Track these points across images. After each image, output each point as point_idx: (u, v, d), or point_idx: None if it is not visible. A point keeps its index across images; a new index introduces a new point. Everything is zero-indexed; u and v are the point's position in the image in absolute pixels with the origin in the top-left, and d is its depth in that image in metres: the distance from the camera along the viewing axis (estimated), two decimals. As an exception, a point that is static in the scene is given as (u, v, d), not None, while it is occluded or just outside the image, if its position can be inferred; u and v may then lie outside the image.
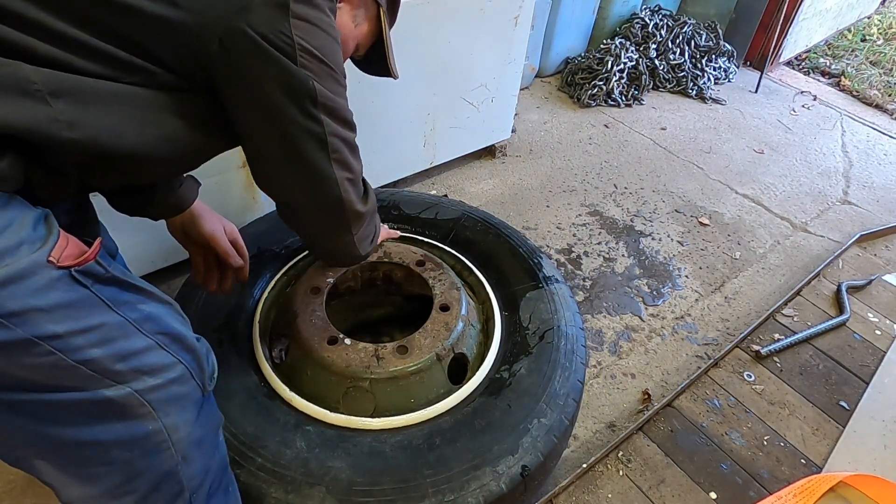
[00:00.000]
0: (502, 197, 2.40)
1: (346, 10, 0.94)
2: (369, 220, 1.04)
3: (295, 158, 0.86)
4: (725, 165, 2.78)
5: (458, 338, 1.20)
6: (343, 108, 0.87)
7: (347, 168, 0.92)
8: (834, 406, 1.64)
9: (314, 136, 0.84)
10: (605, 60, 3.13)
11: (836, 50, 4.14)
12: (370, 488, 0.95)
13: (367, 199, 1.01)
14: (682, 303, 2.01)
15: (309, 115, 0.82)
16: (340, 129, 0.87)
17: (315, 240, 1.05)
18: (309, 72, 0.78)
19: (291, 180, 0.90)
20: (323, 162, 0.87)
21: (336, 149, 0.88)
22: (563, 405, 1.12)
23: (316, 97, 0.81)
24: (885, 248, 2.34)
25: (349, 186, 0.93)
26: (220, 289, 1.19)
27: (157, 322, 0.72)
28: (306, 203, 0.94)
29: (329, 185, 0.90)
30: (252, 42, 0.73)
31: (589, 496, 1.38)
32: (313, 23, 0.78)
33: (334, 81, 0.84)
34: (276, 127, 0.82)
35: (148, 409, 0.70)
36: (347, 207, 0.94)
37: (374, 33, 1.02)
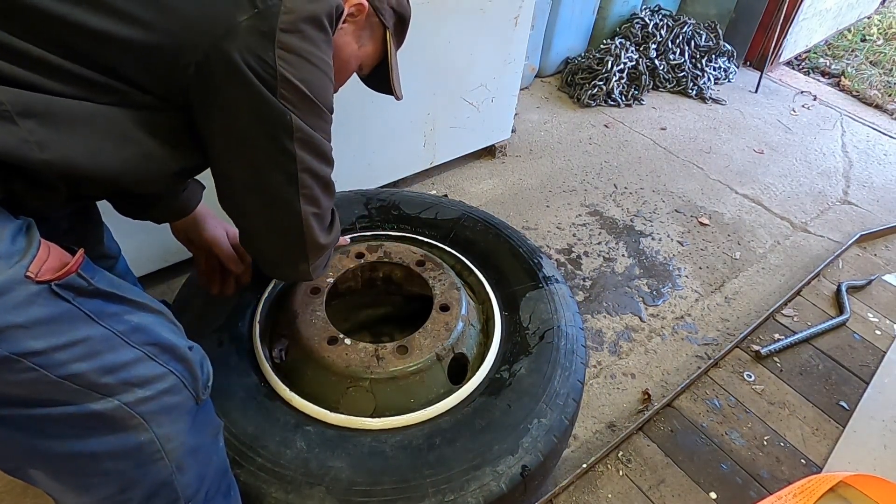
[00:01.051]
0: (502, 197, 2.40)
1: (351, 31, 0.92)
2: (329, 250, 1.01)
3: (260, 189, 0.83)
4: (725, 165, 2.78)
5: (458, 338, 1.20)
6: (321, 144, 0.84)
7: (315, 203, 0.88)
8: (834, 406, 1.64)
9: (284, 171, 0.81)
10: (605, 60, 3.13)
11: (836, 50, 4.14)
12: (370, 488, 0.95)
13: (330, 231, 0.98)
14: (682, 303, 2.01)
15: (282, 149, 0.79)
16: (315, 165, 0.84)
17: (268, 264, 1.01)
18: (288, 104, 0.75)
19: (254, 209, 0.87)
20: (290, 196, 0.84)
21: (306, 185, 0.85)
22: (563, 405, 1.12)
23: (292, 131, 0.78)
24: (885, 248, 2.34)
25: (314, 221, 0.90)
26: (221, 292, 1.19)
27: (146, 333, 0.71)
28: (266, 232, 0.91)
29: (293, 218, 0.87)
30: (232, 66, 0.70)
31: (589, 496, 1.38)
32: (301, 55, 0.74)
33: (316, 117, 0.81)
34: (245, 156, 0.79)
35: (139, 421, 0.69)
36: (308, 241, 0.91)
37: (379, 54, 1.00)
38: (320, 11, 0.74)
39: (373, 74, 1.06)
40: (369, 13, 0.92)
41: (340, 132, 1.80)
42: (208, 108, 0.74)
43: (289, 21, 0.71)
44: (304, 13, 0.72)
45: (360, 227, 1.50)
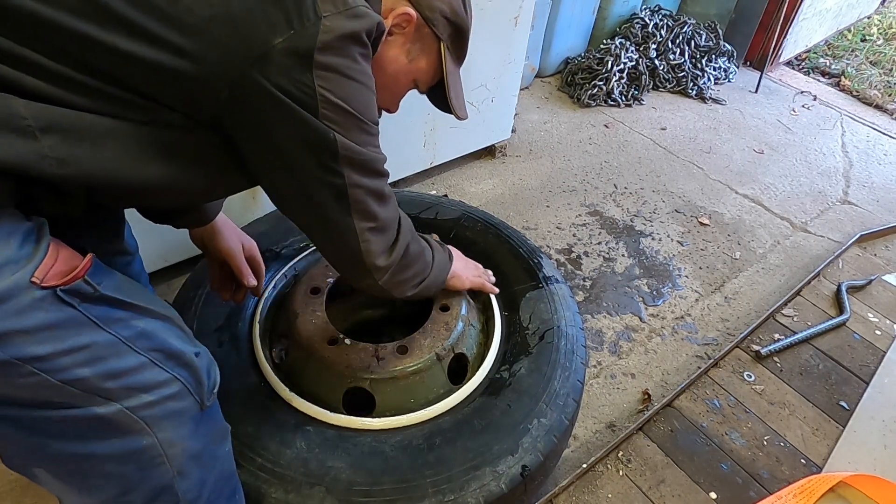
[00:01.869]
0: (502, 197, 2.40)
1: (398, 44, 0.87)
2: (396, 270, 0.95)
3: (312, 206, 0.81)
4: (725, 165, 2.78)
5: (458, 338, 1.20)
6: (369, 159, 0.81)
7: (370, 217, 0.85)
8: (834, 406, 1.64)
9: (333, 189, 0.79)
10: (605, 60, 3.13)
11: (836, 50, 4.14)
12: (370, 488, 0.95)
13: (392, 250, 0.92)
14: (682, 303, 2.01)
15: (328, 168, 0.76)
16: (364, 181, 0.81)
17: (342, 274, 0.98)
18: (331, 123, 0.72)
19: (310, 224, 0.86)
20: (342, 214, 0.82)
21: (357, 199, 0.82)
22: (563, 405, 1.12)
23: (337, 151, 0.75)
24: (885, 248, 2.34)
25: (371, 236, 0.86)
26: (232, 299, 1.19)
27: (152, 339, 0.71)
28: (326, 246, 0.90)
29: (347, 235, 0.85)
30: (267, 94, 0.67)
31: (589, 496, 1.38)
32: (341, 72, 0.71)
33: (361, 131, 0.77)
34: (291, 177, 0.78)
35: (142, 426, 0.70)
36: (366, 259, 0.88)
37: (436, 69, 0.94)
38: (360, 29, 0.71)
39: (434, 91, 1.00)
40: (419, 24, 0.86)
41: (340, 132, 1.79)
42: (247, 132, 0.72)
43: (327, 41, 0.67)
44: (343, 31, 0.69)
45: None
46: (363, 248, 0.86)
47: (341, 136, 0.74)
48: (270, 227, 1.46)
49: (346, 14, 0.69)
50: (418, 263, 1.02)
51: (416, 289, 1.02)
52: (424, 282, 1.04)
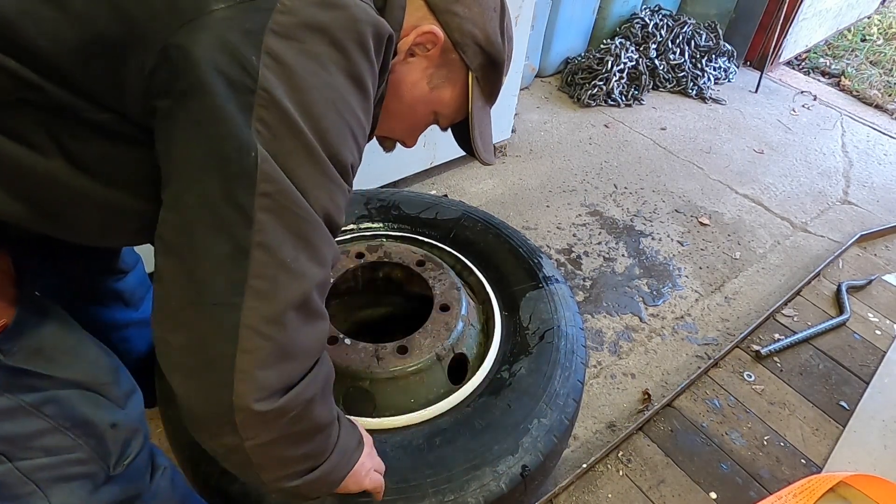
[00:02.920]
0: (502, 197, 2.40)
1: (420, 67, 0.73)
2: (278, 432, 0.59)
3: (187, 256, 0.53)
4: (725, 165, 2.78)
5: (458, 338, 1.19)
6: (307, 217, 0.54)
7: (272, 319, 0.54)
8: (834, 406, 1.64)
9: (229, 236, 0.52)
10: (605, 60, 3.13)
11: (836, 50, 4.14)
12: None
13: (285, 395, 0.57)
14: (682, 303, 2.01)
15: (234, 199, 0.51)
16: (287, 248, 0.54)
17: (186, 417, 0.60)
18: (266, 133, 0.51)
19: (174, 300, 0.55)
20: (226, 282, 0.52)
21: (262, 273, 0.53)
22: (563, 405, 1.12)
23: (256, 178, 0.51)
24: (885, 248, 2.34)
25: (260, 349, 0.54)
26: None
27: (62, 406, 0.65)
28: (178, 346, 0.55)
29: (221, 325, 0.53)
30: (190, 69, 0.49)
31: (589, 496, 1.38)
32: (297, 71, 0.52)
33: (309, 166, 0.54)
34: (180, 198, 0.53)
35: (33, 488, 0.64)
36: (235, 386, 0.53)
37: (461, 103, 0.79)
38: (333, 25, 0.53)
39: (457, 129, 0.87)
40: (446, 47, 0.72)
41: (340, 132, 1.79)
42: (161, 128, 0.53)
43: (284, 23, 0.51)
44: (306, 18, 0.52)
45: (360, 228, 1.50)
46: (237, 363, 0.53)
47: (269, 156, 0.51)
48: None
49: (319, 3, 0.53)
50: (316, 440, 0.66)
51: (293, 481, 0.65)
52: (312, 474, 0.67)
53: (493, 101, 0.83)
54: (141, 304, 1.16)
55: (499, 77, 0.80)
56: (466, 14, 0.71)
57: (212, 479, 0.95)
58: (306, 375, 0.60)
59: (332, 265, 0.61)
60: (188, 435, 1.00)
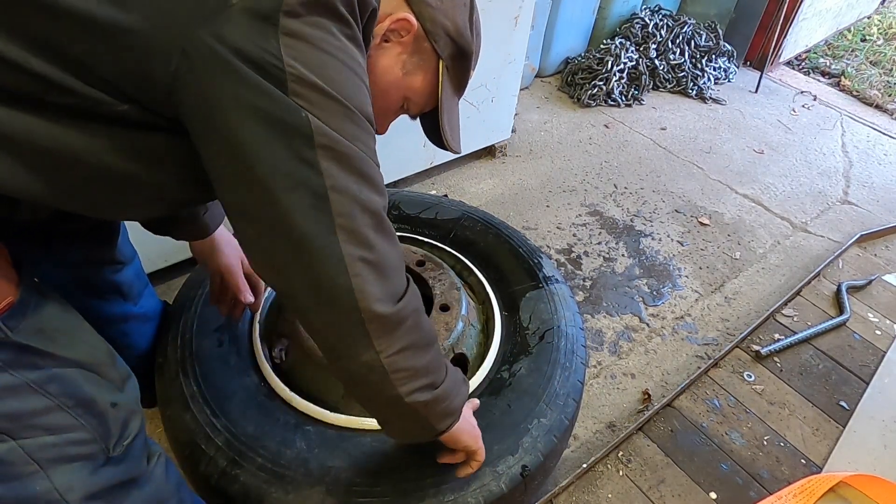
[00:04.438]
0: (502, 197, 2.40)
1: (394, 53, 0.77)
2: (405, 335, 0.71)
3: (278, 220, 0.61)
4: (725, 165, 2.78)
5: (458, 338, 1.20)
6: (359, 157, 0.63)
7: (363, 243, 0.64)
8: (834, 406, 1.64)
9: (306, 188, 0.60)
10: (605, 60, 3.13)
11: (836, 50, 4.14)
12: (370, 488, 0.95)
13: (399, 300, 0.70)
14: (682, 303, 2.01)
15: (300, 158, 0.59)
16: (351, 185, 0.62)
17: (326, 352, 0.72)
18: (304, 102, 0.58)
19: (281, 258, 0.64)
20: (320, 228, 0.61)
21: (342, 211, 0.62)
22: (563, 405, 1.12)
23: (312, 135, 0.59)
24: (885, 248, 2.34)
25: (364, 269, 0.64)
26: (231, 313, 1.17)
27: (64, 384, 0.67)
28: (301, 290, 0.66)
29: (328, 262, 0.63)
30: (222, 62, 0.55)
31: (589, 496, 1.38)
32: (314, 44, 0.58)
33: (346, 120, 0.62)
34: (251, 173, 0.59)
35: (35, 468, 0.65)
36: (359, 299, 0.64)
37: (431, 91, 0.83)
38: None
39: (427, 120, 0.90)
40: (419, 35, 0.77)
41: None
42: (200, 120, 0.59)
43: (291, 3, 0.56)
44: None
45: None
46: (354, 284, 0.64)
47: (317, 119, 0.59)
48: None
49: None
50: (432, 352, 0.77)
51: (425, 393, 0.75)
52: (438, 389, 0.78)
53: (461, 92, 0.88)
54: (139, 299, 1.15)
55: (467, 69, 0.85)
56: (438, 5, 0.76)
57: (212, 479, 0.95)
58: (407, 289, 0.72)
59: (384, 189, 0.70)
60: (188, 435, 1.00)
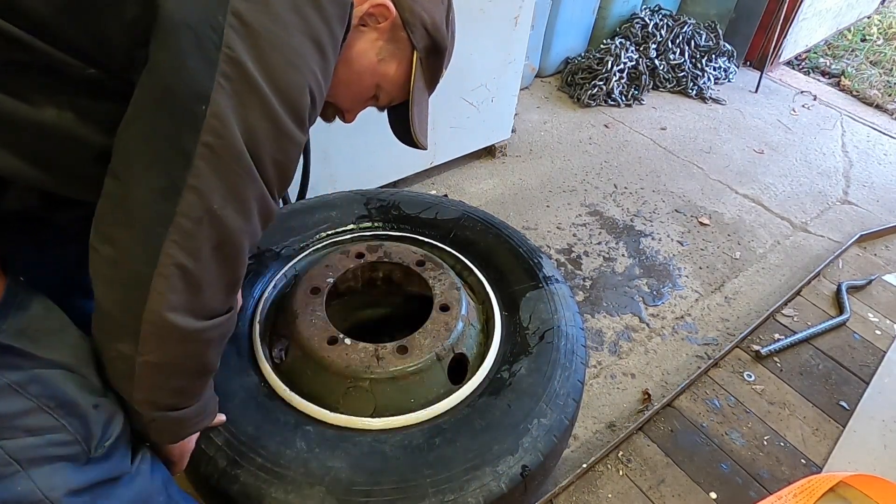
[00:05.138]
0: (502, 197, 2.40)
1: (370, 38, 0.77)
2: (182, 352, 0.67)
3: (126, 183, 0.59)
4: (725, 165, 2.78)
5: (458, 338, 1.19)
6: (247, 172, 0.60)
7: (191, 253, 0.60)
8: (834, 406, 1.64)
9: (165, 173, 0.57)
10: (605, 60, 3.13)
11: (836, 50, 4.14)
12: (370, 488, 0.95)
13: (198, 317, 0.65)
14: (682, 303, 2.01)
15: (177, 142, 0.56)
16: (217, 197, 0.59)
17: (95, 317, 0.68)
18: (223, 91, 0.56)
19: (109, 216, 0.61)
20: (154, 210, 0.58)
21: (189, 214, 0.58)
22: (563, 405, 1.12)
23: (200, 128, 0.56)
24: (885, 248, 2.34)
25: (175, 276, 0.60)
26: None
27: (46, 385, 0.65)
28: (108, 256, 0.62)
29: (144, 247, 0.59)
30: (166, 22, 0.54)
31: (589, 496, 1.38)
32: (260, 30, 0.56)
33: (266, 120, 0.59)
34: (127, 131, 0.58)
35: (16, 468, 0.64)
36: (149, 302, 0.61)
37: (403, 80, 0.83)
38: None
39: (396, 112, 0.90)
40: (396, 23, 0.77)
41: (340, 131, 1.80)
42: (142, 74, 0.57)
43: None
44: None
45: (360, 228, 1.50)
46: (154, 284, 0.60)
47: (224, 110, 0.56)
48: (271, 227, 1.45)
49: None
50: (195, 382, 0.75)
51: (154, 412, 0.73)
52: (173, 413, 0.75)
53: (432, 88, 0.88)
54: None
55: (440, 65, 0.85)
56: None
57: (212, 480, 0.95)
58: (215, 318, 0.68)
59: (267, 221, 0.67)
60: (188, 435, 1.00)
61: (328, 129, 1.04)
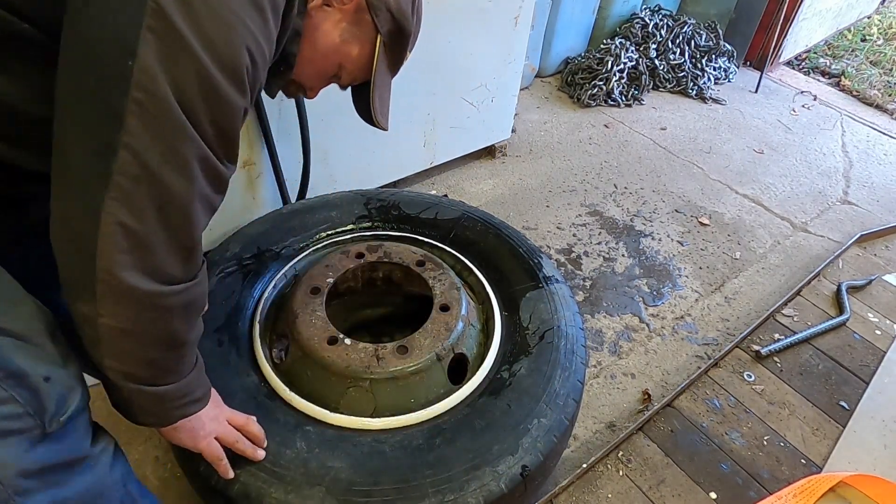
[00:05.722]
0: (502, 197, 2.40)
1: (334, 18, 0.78)
2: (139, 316, 0.66)
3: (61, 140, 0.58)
4: (725, 165, 2.78)
5: (458, 338, 1.20)
6: (185, 131, 0.58)
7: (133, 212, 0.59)
8: (834, 406, 1.64)
9: (97, 132, 0.56)
10: (605, 60, 3.12)
11: (836, 50, 4.14)
12: (370, 488, 0.95)
13: (154, 277, 0.64)
14: (682, 303, 2.01)
15: (106, 100, 0.55)
16: (155, 156, 0.57)
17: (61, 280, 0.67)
18: (150, 46, 0.53)
19: (55, 174, 0.60)
20: (90, 170, 0.57)
21: (127, 171, 0.57)
22: (563, 405, 1.12)
23: (129, 84, 0.53)
24: (885, 248, 2.34)
25: (120, 235, 0.60)
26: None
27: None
28: (58, 224, 0.62)
29: (84, 207, 0.59)
30: None
31: (589, 496, 1.38)
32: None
33: (197, 78, 0.56)
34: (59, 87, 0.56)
35: None
36: (99, 263, 0.60)
37: (366, 62, 0.84)
38: None
39: (359, 92, 0.91)
40: (360, 6, 0.79)
41: (340, 131, 1.80)
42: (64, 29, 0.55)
43: None
44: None
45: (360, 228, 1.50)
46: (99, 244, 0.59)
47: (153, 65, 0.53)
48: (270, 226, 1.46)
49: None
50: (166, 355, 0.73)
51: (130, 383, 0.72)
52: (150, 387, 0.73)
53: (395, 71, 0.89)
54: None
55: (404, 49, 0.86)
56: None
57: (212, 480, 0.95)
58: (175, 284, 0.66)
59: (218, 185, 0.65)
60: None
61: (328, 129, 1.04)
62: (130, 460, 0.83)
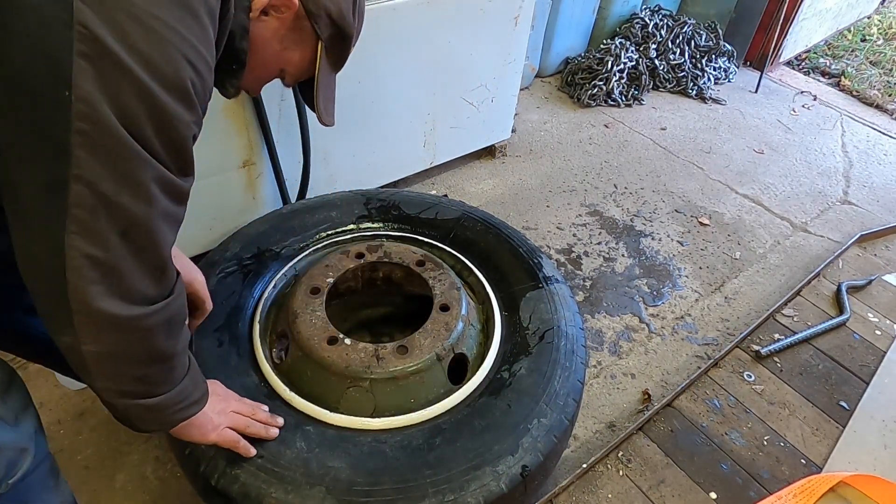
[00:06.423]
0: (502, 197, 2.40)
1: (273, 27, 0.77)
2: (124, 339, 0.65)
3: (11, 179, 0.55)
4: (725, 165, 2.78)
5: (458, 338, 1.19)
6: (131, 157, 0.55)
7: (97, 242, 0.58)
8: (834, 406, 1.64)
9: (45, 167, 0.53)
10: (605, 60, 3.12)
11: (836, 50, 4.14)
12: (370, 488, 0.95)
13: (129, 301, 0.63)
14: (682, 303, 2.01)
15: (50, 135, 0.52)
16: (108, 184, 0.55)
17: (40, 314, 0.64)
18: (85, 73, 0.50)
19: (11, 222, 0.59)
20: (46, 208, 0.55)
21: (82, 203, 0.55)
22: (563, 405, 1.12)
23: (70, 116, 0.51)
24: (885, 248, 2.34)
25: (87, 267, 0.58)
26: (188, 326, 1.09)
27: None
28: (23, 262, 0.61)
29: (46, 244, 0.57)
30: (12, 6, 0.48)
31: (589, 496, 1.38)
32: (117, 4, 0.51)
33: (138, 99, 0.53)
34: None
35: None
36: (73, 297, 0.59)
37: (308, 66, 0.85)
38: None
39: (305, 86, 0.91)
40: (300, 14, 0.78)
41: (339, 131, 1.80)
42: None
43: None
44: None
45: (361, 228, 1.50)
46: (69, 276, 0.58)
47: (92, 93, 0.50)
48: (270, 226, 1.46)
49: None
50: (155, 368, 0.72)
51: (127, 399, 0.71)
52: (147, 400, 0.73)
53: (338, 68, 0.89)
54: None
55: (346, 48, 0.86)
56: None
57: (212, 480, 0.95)
58: (153, 304, 0.65)
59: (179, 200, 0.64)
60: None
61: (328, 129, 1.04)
62: (131, 460, 0.83)
